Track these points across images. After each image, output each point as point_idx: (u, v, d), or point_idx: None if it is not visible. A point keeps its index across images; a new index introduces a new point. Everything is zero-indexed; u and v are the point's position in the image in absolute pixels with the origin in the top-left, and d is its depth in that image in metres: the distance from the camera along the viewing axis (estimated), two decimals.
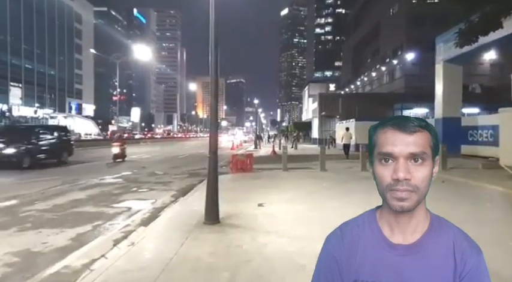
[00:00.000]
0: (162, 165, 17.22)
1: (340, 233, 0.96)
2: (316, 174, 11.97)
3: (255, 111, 44.26)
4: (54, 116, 68.52)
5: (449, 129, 18.69)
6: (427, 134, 0.86)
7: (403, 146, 0.83)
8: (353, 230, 0.94)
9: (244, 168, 12.36)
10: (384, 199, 0.87)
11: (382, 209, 0.93)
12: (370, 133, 0.91)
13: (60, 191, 9.38)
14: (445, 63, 18.73)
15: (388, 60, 54.00)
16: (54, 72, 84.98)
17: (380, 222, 0.93)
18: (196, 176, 12.69)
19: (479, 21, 11.06)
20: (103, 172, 13.68)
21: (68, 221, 6.27)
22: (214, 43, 5.87)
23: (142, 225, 5.89)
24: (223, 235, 4.99)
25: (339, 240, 0.94)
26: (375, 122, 0.93)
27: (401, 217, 0.88)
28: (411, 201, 0.83)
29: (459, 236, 0.90)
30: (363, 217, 0.96)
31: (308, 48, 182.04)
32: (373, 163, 0.89)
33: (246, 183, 9.93)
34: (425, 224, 0.90)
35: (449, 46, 18.22)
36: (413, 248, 0.87)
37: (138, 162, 18.85)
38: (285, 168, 12.61)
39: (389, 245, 0.89)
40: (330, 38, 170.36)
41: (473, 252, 0.87)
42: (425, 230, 0.89)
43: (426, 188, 0.85)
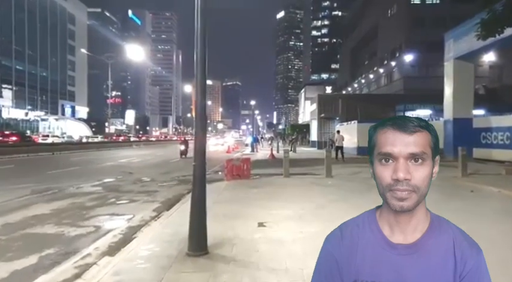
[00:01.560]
0: (151, 170, 15.79)
1: (339, 233, 0.95)
2: (322, 181, 10.58)
3: (252, 113, 42.89)
4: (45, 118, 66.64)
5: (460, 131, 17.46)
6: (427, 134, 0.85)
7: (402, 146, 0.83)
8: (353, 230, 0.93)
9: (240, 175, 10.98)
10: (384, 199, 0.86)
11: (382, 208, 0.92)
12: (370, 133, 0.90)
13: (24, 203, 7.93)
14: (455, 61, 17.49)
15: (386, 62, 53.24)
16: (46, 73, 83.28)
17: (380, 222, 0.92)
18: (186, 184, 11.27)
19: (504, 10, 9.82)
20: (83, 179, 12.21)
21: (12, 247, 4.84)
22: (201, 26, 4.46)
23: (108, 254, 4.49)
24: (211, 275, 3.60)
25: (338, 240, 0.94)
26: None
27: (401, 217, 0.87)
28: (411, 201, 0.83)
29: (459, 235, 0.89)
30: (362, 217, 0.96)
31: (304, 50, 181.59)
32: (373, 163, 0.88)
33: (243, 193, 8.53)
34: (425, 224, 0.89)
35: (460, 42, 17.01)
36: (413, 248, 0.87)
37: (126, 166, 17.40)
38: (287, 174, 11.23)
39: (389, 244, 0.88)
40: (326, 41, 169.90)
41: (473, 251, 0.86)
42: (425, 230, 0.88)
43: (426, 187, 0.84)
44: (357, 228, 0.94)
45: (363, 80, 61.12)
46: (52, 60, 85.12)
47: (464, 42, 16.65)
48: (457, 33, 17.14)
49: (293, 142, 31.91)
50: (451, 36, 17.80)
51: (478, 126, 17.13)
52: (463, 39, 16.67)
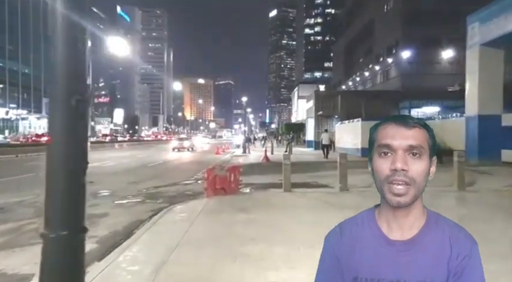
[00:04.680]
0: (120, 178, 12.88)
1: (339, 231, 0.96)
2: (338, 199, 7.75)
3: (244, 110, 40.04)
4: (25, 117, 62.91)
5: (487, 130, 14.86)
6: (425, 131, 0.88)
7: (402, 139, 0.86)
8: (352, 228, 0.95)
9: (226, 189, 8.17)
10: (382, 194, 0.88)
11: (380, 206, 0.94)
12: (371, 131, 0.93)
13: None
14: (481, 47, 14.86)
15: (382, 59, 51.40)
16: (28, 70, 79.33)
17: (378, 220, 0.93)
18: (154, 200, 8.45)
19: None
20: (16, 193, 9.29)
21: None
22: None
23: None
24: None
25: (338, 238, 0.95)
26: None
27: (399, 212, 0.89)
28: (408, 197, 0.84)
29: (455, 230, 0.90)
30: (361, 215, 0.97)
31: (297, 49, 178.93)
32: (371, 159, 0.90)
33: (226, 224, 5.71)
34: (422, 220, 0.91)
35: (488, 25, 14.39)
36: (411, 244, 0.88)
37: (91, 173, 14.41)
38: (288, 187, 8.43)
39: (387, 241, 0.90)
40: (319, 39, 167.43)
41: (467, 242, 0.88)
42: (422, 226, 0.90)
43: (423, 182, 0.86)
44: (356, 227, 0.95)
45: (358, 77, 58.98)
46: (35, 57, 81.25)
47: (494, 24, 14.05)
48: (485, 15, 14.51)
49: (289, 142, 29.14)
50: (475, 18, 15.16)
51: (508, 124, 14.56)
52: (492, 22, 14.07)
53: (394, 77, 47.44)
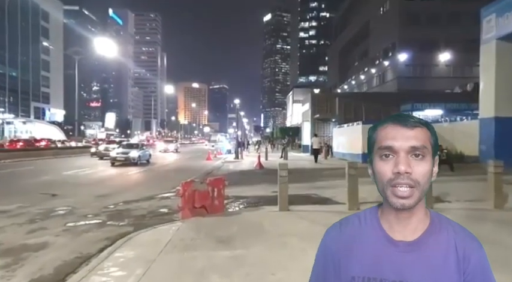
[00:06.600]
0: (90, 189, 11.10)
1: (339, 226, 0.94)
2: None
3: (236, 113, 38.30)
4: (10, 121, 60.52)
5: (504, 134, 13.36)
6: (427, 130, 0.84)
7: (403, 140, 0.82)
8: (354, 225, 0.92)
9: (207, 208, 6.48)
10: (385, 197, 0.84)
11: (383, 207, 0.90)
12: (369, 133, 0.89)
13: None
14: (498, 42, 13.39)
15: (379, 62, 50.34)
16: (16, 73, 76.96)
17: (381, 219, 0.90)
18: (116, 221, 6.72)
19: None
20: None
21: None
22: None
23: None
24: None
25: (338, 233, 0.92)
26: None
27: (402, 214, 0.86)
28: (413, 199, 0.81)
29: (460, 232, 0.88)
30: (364, 213, 0.94)
31: (292, 52, 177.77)
32: (372, 161, 0.86)
33: (197, 274, 3.99)
34: (425, 222, 0.88)
35: (508, 17, 12.93)
36: (415, 245, 0.85)
37: (61, 183, 12.67)
38: (284, 206, 6.75)
39: (390, 241, 0.87)
40: (314, 42, 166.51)
41: (475, 247, 0.86)
42: (426, 228, 0.87)
43: (427, 184, 0.83)
44: (358, 224, 0.92)
45: (353, 81, 57.75)
46: (23, 59, 79.01)
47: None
48: (503, 5, 13.05)
49: (285, 147, 27.48)
50: (492, 10, 13.68)
51: None
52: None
53: (391, 80, 46.32)
